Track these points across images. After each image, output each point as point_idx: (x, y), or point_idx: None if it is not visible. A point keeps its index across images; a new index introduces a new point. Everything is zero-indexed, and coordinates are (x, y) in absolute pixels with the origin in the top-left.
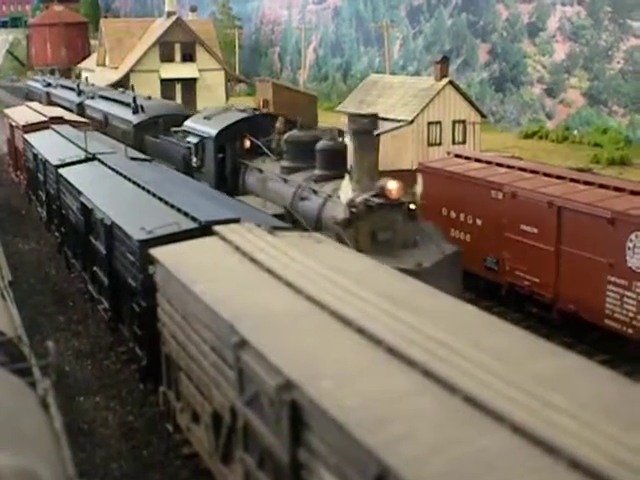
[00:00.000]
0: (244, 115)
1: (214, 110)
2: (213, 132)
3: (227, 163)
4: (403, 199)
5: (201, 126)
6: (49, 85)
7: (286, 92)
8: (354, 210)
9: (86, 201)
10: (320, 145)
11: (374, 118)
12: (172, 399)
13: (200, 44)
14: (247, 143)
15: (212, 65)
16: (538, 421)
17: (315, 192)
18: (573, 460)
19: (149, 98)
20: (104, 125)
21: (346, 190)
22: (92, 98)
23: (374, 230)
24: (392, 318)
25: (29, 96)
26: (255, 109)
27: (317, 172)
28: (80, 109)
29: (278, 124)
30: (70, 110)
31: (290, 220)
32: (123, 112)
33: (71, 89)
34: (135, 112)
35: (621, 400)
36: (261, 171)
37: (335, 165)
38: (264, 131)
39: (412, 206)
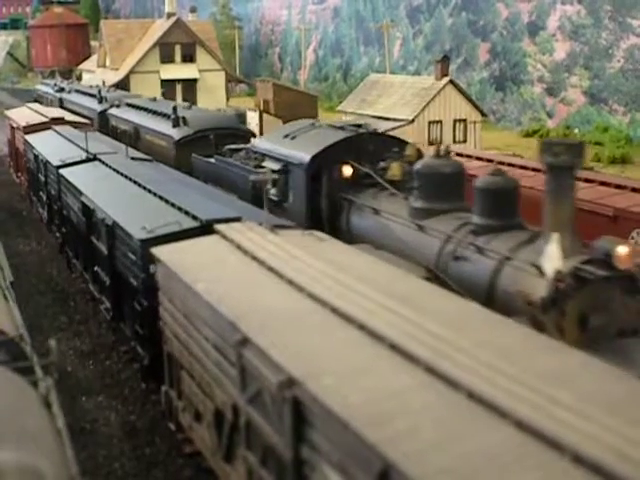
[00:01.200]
0: (346, 134)
1: (297, 126)
2: (305, 157)
3: (323, 198)
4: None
5: (284, 148)
6: (62, 90)
7: (287, 92)
8: (561, 285)
9: (87, 201)
10: (483, 182)
11: (578, 148)
12: (174, 398)
13: (200, 45)
14: (348, 171)
15: (212, 66)
16: (542, 417)
17: (480, 250)
18: (577, 455)
19: (190, 107)
20: (134, 139)
21: (553, 255)
22: (117, 107)
23: (585, 313)
24: (394, 315)
25: (38, 102)
26: (357, 125)
27: (477, 220)
28: (102, 119)
29: (409, 151)
30: (89, 119)
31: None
32: (160, 124)
33: (90, 95)
34: (176, 125)
35: (625, 395)
36: (377, 211)
37: (506, 211)
38: (370, 155)
39: None
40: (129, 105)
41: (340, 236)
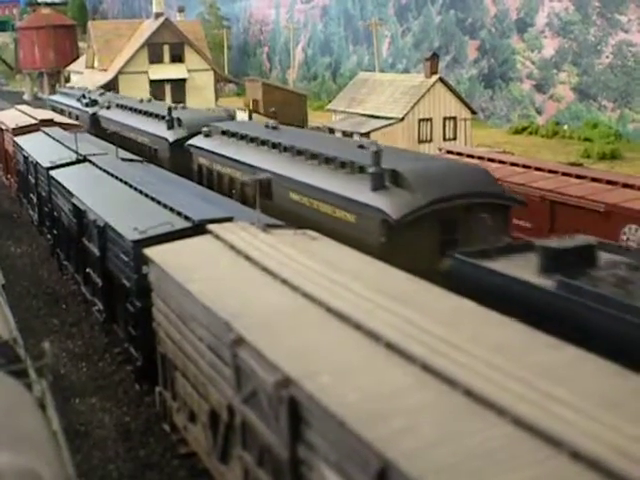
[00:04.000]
0: None
1: None
2: None
3: None
4: None
5: None
6: (94, 103)
7: (276, 92)
8: None
9: (78, 203)
10: None
11: None
12: (168, 399)
13: (189, 45)
14: None
15: (201, 66)
16: (539, 413)
17: None
18: (575, 451)
19: (379, 149)
20: (260, 196)
21: None
22: (208, 136)
23: None
24: (389, 313)
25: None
26: None
27: None
28: (179, 154)
29: None
30: (151, 151)
31: None
32: (333, 181)
33: (151, 115)
34: (380, 186)
35: (622, 391)
36: None
37: None
38: None
39: None
40: (232, 134)
41: None
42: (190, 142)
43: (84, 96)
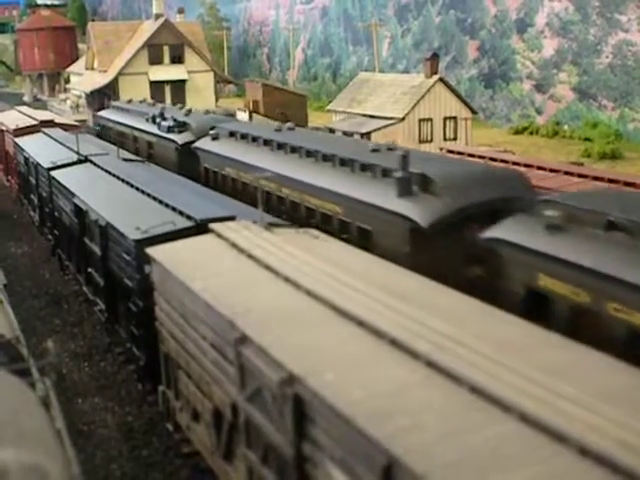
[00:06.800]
0: None
1: None
2: None
3: None
4: None
5: None
6: (182, 127)
7: (276, 92)
8: None
9: (80, 203)
10: None
11: None
12: (171, 398)
13: (188, 46)
14: None
15: (201, 67)
16: (545, 409)
17: None
18: (582, 447)
19: None
20: None
21: None
22: (559, 230)
23: None
24: (393, 311)
25: (105, 138)
26: None
27: None
28: (438, 249)
29: None
30: (364, 235)
31: None
32: None
33: (333, 159)
34: None
35: (627, 387)
36: None
37: None
38: None
39: None
40: (618, 227)
41: None
42: (501, 235)
43: (162, 116)
